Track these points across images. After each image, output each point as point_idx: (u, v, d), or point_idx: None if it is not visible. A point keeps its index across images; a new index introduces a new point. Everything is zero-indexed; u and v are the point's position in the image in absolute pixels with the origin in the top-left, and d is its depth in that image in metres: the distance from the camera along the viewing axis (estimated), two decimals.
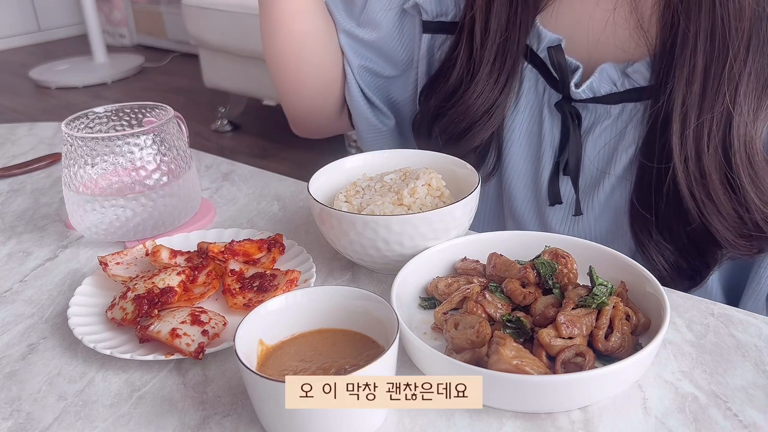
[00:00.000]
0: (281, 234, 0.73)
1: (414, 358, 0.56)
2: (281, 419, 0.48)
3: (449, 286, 0.62)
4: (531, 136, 0.80)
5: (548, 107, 0.78)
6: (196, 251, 0.71)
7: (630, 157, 0.74)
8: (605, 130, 0.75)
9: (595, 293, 0.56)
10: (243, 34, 2.77)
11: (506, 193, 0.83)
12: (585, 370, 0.52)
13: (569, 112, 0.76)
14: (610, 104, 0.74)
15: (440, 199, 0.71)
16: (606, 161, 0.76)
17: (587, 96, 0.74)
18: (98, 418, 0.53)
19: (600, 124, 0.75)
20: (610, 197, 0.76)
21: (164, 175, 0.77)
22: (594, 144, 0.76)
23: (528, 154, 0.81)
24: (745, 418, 0.51)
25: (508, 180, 0.83)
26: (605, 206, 0.77)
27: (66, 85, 4.03)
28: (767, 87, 0.66)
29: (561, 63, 0.74)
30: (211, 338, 0.58)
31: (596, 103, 0.75)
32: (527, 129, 0.80)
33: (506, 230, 0.84)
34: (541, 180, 0.80)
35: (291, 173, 0.98)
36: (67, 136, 0.75)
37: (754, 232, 0.68)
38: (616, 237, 0.78)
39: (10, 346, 0.62)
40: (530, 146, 0.80)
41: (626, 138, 0.74)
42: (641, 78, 0.72)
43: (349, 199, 0.71)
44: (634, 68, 0.72)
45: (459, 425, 0.51)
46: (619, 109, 0.74)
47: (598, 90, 0.74)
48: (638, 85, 0.72)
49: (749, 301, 0.75)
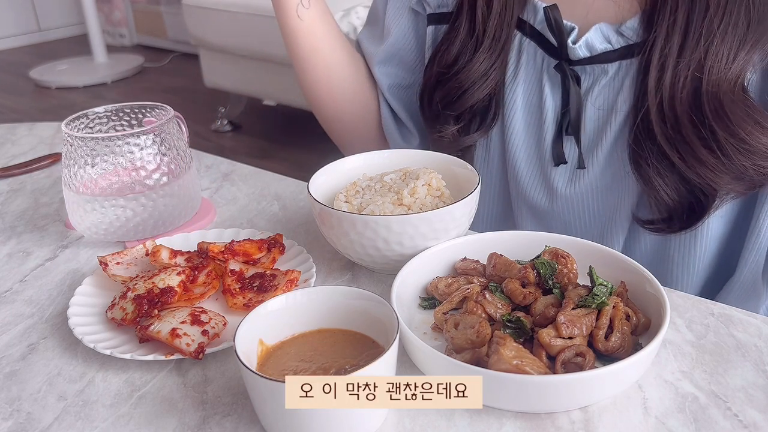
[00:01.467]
0: (281, 234, 0.73)
1: (414, 358, 0.56)
2: (281, 419, 0.48)
3: (449, 286, 0.62)
4: (531, 105, 0.83)
5: (547, 74, 0.81)
6: (196, 251, 0.71)
7: (627, 110, 0.76)
8: (603, 88, 0.78)
9: (595, 293, 0.56)
10: (243, 34, 2.77)
11: (510, 163, 0.86)
12: (585, 370, 0.52)
13: (569, 72, 0.78)
14: (607, 63, 0.77)
15: (440, 199, 0.71)
16: (606, 117, 0.78)
17: (584, 54, 0.77)
18: (98, 418, 0.54)
19: (598, 84, 0.78)
20: (612, 149, 0.78)
21: (164, 175, 0.77)
22: (593, 102, 0.79)
23: (530, 121, 0.83)
24: (745, 418, 0.51)
25: (513, 152, 0.85)
26: (608, 158, 0.79)
27: (66, 85, 4.03)
28: (743, 40, 0.68)
29: (557, 20, 0.77)
30: (211, 338, 0.58)
31: (593, 64, 0.78)
32: (528, 99, 0.83)
33: (511, 205, 0.88)
34: (545, 144, 0.82)
35: (291, 173, 0.98)
36: (67, 136, 0.75)
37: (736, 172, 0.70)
38: (621, 186, 0.79)
39: (10, 346, 0.62)
40: (531, 114, 0.83)
41: (623, 93, 0.76)
42: (634, 35, 0.75)
43: (349, 199, 0.71)
44: (627, 25, 0.75)
45: (459, 425, 0.51)
46: (615, 67, 0.77)
47: (594, 47, 0.76)
48: (632, 42, 0.75)
49: (750, 255, 0.76)
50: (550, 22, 0.78)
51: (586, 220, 0.84)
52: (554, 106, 0.81)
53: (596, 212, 0.83)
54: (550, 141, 0.82)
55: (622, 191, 0.80)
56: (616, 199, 0.81)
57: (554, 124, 0.81)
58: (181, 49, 4.51)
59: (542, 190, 0.84)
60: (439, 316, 0.60)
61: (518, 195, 0.87)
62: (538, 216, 0.86)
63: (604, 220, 0.83)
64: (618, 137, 0.78)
